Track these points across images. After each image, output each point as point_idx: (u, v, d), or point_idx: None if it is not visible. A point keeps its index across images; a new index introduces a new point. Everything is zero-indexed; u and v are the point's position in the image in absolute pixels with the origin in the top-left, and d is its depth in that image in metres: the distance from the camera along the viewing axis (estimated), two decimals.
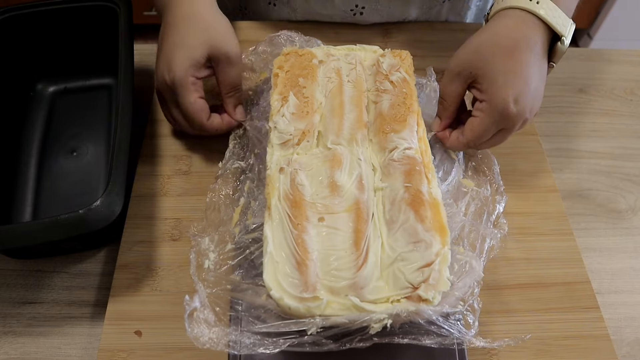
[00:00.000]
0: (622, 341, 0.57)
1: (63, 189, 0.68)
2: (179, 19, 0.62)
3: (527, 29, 0.56)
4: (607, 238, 0.65)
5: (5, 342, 0.55)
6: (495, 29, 0.58)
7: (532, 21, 0.56)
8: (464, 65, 0.58)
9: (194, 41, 0.60)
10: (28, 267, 0.60)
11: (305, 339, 0.45)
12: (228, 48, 0.61)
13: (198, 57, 0.60)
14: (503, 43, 0.56)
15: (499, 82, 0.55)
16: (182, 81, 0.60)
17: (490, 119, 0.57)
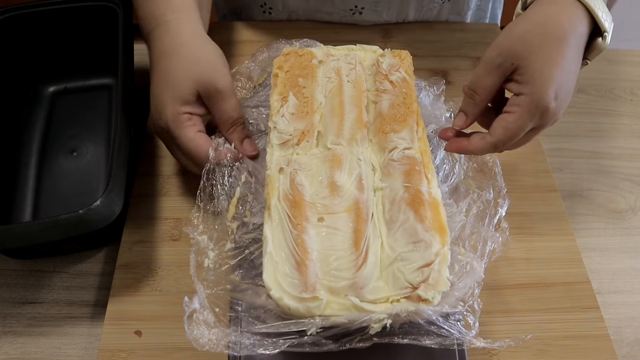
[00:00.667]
0: (622, 341, 0.57)
1: (63, 189, 0.68)
2: (163, 54, 0.58)
3: (576, 19, 0.51)
4: (607, 238, 0.65)
5: (5, 342, 0.55)
6: (542, 15, 0.52)
7: (580, 11, 0.51)
8: (507, 55, 0.52)
9: (179, 78, 0.56)
10: (28, 267, 0.60)
11: (305, 339, 0.45)
12: (217, 81, 0.56)
13: (186, 95, 0.56)
14: (552, 32, 0.51)
15: (544, 75, 0.50)
16: (176, 120, 0.56)
17: (528, 115, 0.51)
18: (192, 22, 0.60)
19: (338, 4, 0.79)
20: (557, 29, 0.51)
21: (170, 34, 0.58)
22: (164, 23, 0.59)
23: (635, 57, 0.84)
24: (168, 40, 0.58)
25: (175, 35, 0.58)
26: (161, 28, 0.59)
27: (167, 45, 0.58)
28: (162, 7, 0.60)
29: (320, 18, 0.82)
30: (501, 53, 0.52)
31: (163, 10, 0.60)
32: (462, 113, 0.56)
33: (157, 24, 0.59)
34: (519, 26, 0.52)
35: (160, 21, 0.59)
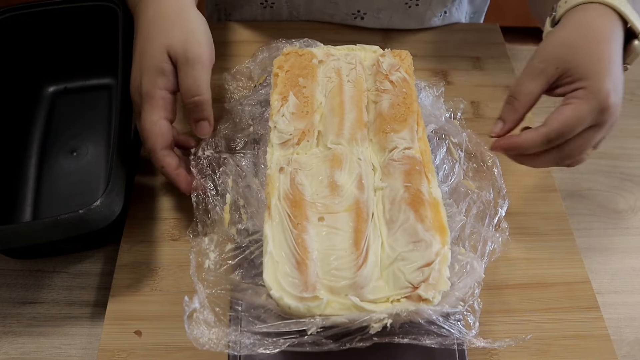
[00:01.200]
0: (622, 341, 0.57)
1: (63, 189, 0.68)
2: (145, 23, 0.57)
3: (611, 23, 0.51)
4: (607, 238, 0.65)
5: (5, 342, 0.55)
6: (579, 21, 0.52)
7: (613, 16, 0.52)
8: (551, 60, 0.51)
9: (154, 46, 0.55)
10: (28, 267, 0.60)
11: (305, 339, 0.45)
12: (188, 48, 0.54)
13: (159, 62, 0.54)
14: (592, 34, 0.51)
15: (597, 68, 0.49)
16: (149, 94, 0.54)
17: (588, 107, 0.48)
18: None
19: (341, 6, 0.79)
20: (596, 32, 0.51)
21: (155, 3, 0.57)
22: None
23: None
24: (152, 11, 0.57)
25: (159, 5, 0.57)
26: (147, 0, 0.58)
27: (151, 11, 0.57)
28: None
29: (321, 18, 0.82)
30: (544, 59, 0.51)
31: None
32: (500, 120, 0.54)
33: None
34: (557, 33, 0.52)
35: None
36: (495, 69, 0.79)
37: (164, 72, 0.54)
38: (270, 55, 0.68)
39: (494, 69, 0.79)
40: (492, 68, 0.79)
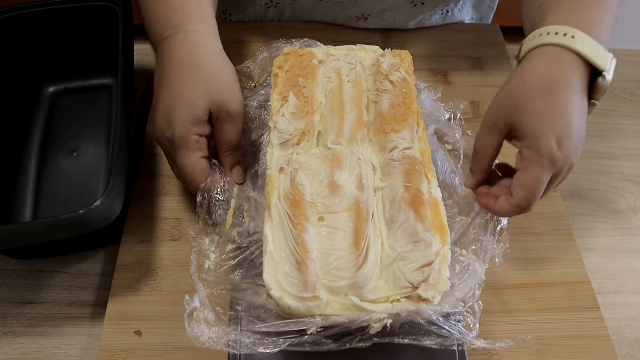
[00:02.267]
0: (622, 341, 0.57)
1: (63, 189, 0.68)
2: (179, 66, 0.56)
3: (564, 66, 0.51)
4: (607, 238, 0.65)
5: (5, 342, 0.55)
6: (527, 70, 0.52)
7: (569, 57, 0.51)
8: (498, 115, 0.52)
9: (195, 95, 0.54)
10: (28, 267, 0.60)
11: (305, 339, 0.45)
12: (231, 104, 0.55)
13: (200, 114, 0.54)
14: (537, 84, 0.51)
15: (537, 126, 0.50)
16: (184, 140, 0.54)
17: (538, 167, 0.50)
18: (213, 37, 0.59)
19: (347, 9, 0.79)
20: (542, 81, 0.51)
21: (191, 46, 0.56)
22: (184, 33, 0.57)
23: (635, 57, 0.84)
24: (187, 52, 0.56)
25: (196, 49, 0.56)
26: (179, 37, 0.57)
27: (185, 57, 0.56)
28: (182, 15, 0.58)
29: (324, 19, 0.82)
30: (492, 114, 0.53)
31: (184, 19, 0.58)
32: (469, 172, 0.56)
33: (175, 32, 0.57)
34: (507, 85, 0.53)
35: (179, 30, 0.57)
36: (495, 69, 0.79)
37: (201, 122, 0.55)
38: (270, 55, 0.68)
39: (494, 69, 0.79)
40: (492, 68, 0.79)
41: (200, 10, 0.59)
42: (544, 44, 0.52)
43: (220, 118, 0.56)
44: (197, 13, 0.59)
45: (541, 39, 0.52)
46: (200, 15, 0.59)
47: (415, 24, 0.83)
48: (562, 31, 0.51)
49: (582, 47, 0.50)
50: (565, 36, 0.51)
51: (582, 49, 0.50)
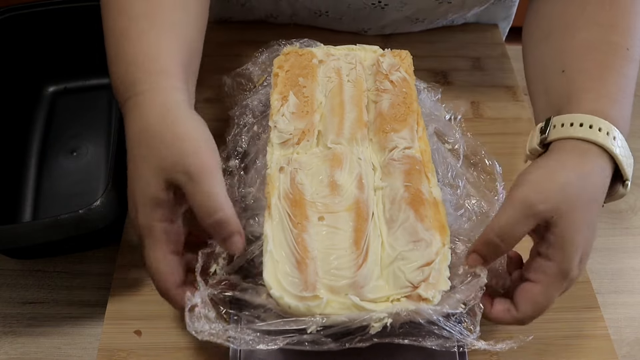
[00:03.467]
0: (622, 341, 0.57)
1: (63, 189, 0.68)
2: (132, 139, 0.48)
3: (604, 174, 0.47)
4: (607, 238, 0.65)
5: (5, 342, 0.55)
6: (580, 168, 0.47)
7: (606, 162, 0.47)
8: (547, 205, 0.45)
9: (147, 171, 0.45)
10: (28, 267, 0.60)
11: (305, 337, 0.45)
12: (183, 161, 0.44)
13: (155, 193, 0.44)
14: (590, 190, 0.46)
15: (577, 240, 0.45)
16: (146, 229, 0.45)
17: (556, 286, 0.45)
18: (166, 92, 0.48)
19: (346, 24, 0.80)
20: (594, 187, 0.46)
21: (139, 111, 0.47)
22: (135, 96, 0.48)
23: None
24: (137, 121, 0.47)
25: (143, 114, 0.47)
26: (132, 102, 0.48)
27: (136, 126, 0.47)
28: (133, 72, 0.49)
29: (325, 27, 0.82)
30: (542, 199, 0.45)
31: (135, 77, 0.49)
32: (478, 256, 0.47)
33: (129, 96, 0.49)
34: (558, 175, 0.46)
35: (131, 93, 0.49)
36: (495, 69, 0.79)
37: (160, 203, 0.45)
38: (270, 55, 0.68)
39: (494, 69, 0.79)
40: (492, 68, 0.79)
41: (154, 63, 0.50)
42: (584, 139, 0.47)
43: (183, 183, 0.44)
44: (149, 66, 0.49)
45: (582, 131, 0.47)
46: (153, 69, 0.49)
47: (420, 29, 0.83)
48: (604, 128, 0.47)
49: (620, 152, 0.47)
50: (608, 135, 0.47)
51: (619, 154, 0.47)
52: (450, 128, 0.65)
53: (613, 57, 0.52)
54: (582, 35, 0.54)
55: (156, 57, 0.50)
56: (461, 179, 0.60)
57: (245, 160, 0.59)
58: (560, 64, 0.54)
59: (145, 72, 0.49)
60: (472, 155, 0.64)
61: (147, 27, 0.51)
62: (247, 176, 0.57)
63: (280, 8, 0.79)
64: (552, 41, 0.57)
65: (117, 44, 0.52)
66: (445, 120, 0.66)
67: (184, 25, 0.54)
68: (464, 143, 0.64)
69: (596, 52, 0.53)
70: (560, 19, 0.58)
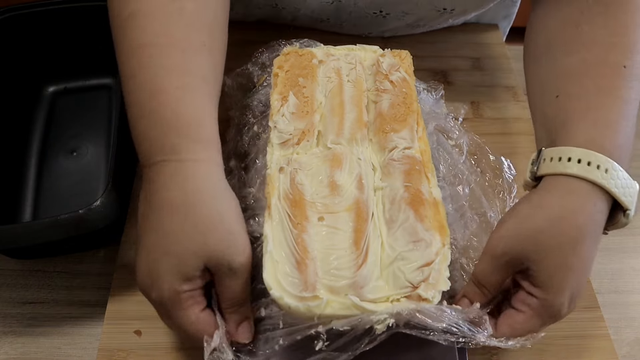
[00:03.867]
0: (622, 341, 0.57)
1: (63, 189, 0.68)
2: (167, 208, 0.45)
3: (594, 210, 0.45)
4: (607, 238, 0.64)
5: (5, 342, 0.55)
6: (558, 210, 0.45)
7: (599, 196, 0.45)
8: (516, 255, 0.45)
9: (184, 249, 0.44)
10: (28, 267, 0.60)
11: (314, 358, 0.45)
12: (233, 258, 0.45)
13: (190, 272, 0.44)
14: (568, 232, 0.44)
15: (557, 281, 0.44)
16: (173, 299, 0.44)
17: (539, 319, 0.46)
18: (212, 168, 0.47)
19: (347, 29, 0.80)
20: (573, 229, 0.44)
21: (182, 182, 0.45)
22: (176, 162, 0.45)
23: None
24: (177, 191, 0.45)
25: (189, 186, 0.45)
26: (169, 168, 0.45)
27: (175, 197, 0.44)
28: (174, 136, 0.46)
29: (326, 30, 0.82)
30: (509, 251, 0.46)
31: (177, 142, 0.46)
32: (467, 301, 0.49)
33: (164, 160, 0.45)
34: (530, 222, 0.46)
35: (170, 157, 0.45)
36: (495, 69, 0.79)
37: (192, 279, 0.44)
38: (270, 56, 0.68)
39: (494, 69, 0.79)
40: (492, 68, 0.79)
41: (198, 130, 0.47)
42: (574, 176, 0.45)
43: (220, 273, 0.45)
44: (194, 134, 0.46)
45: (571, 167, 0.45)
46: (199, 138, 0.47)
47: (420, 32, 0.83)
48: (596, 162, 0.45)
49: (615, 184, 0.45)
50: (599, 169, 0.44)
51: (614, 188, 0.45)
52: (452, 125, 0.65)
53: (610, 78, 0.49)
54: (578, 57, 0.51)
55: (200, 122, 0.47)
56: (464, 174, 0.60)
57: (245, 160, 0.60)
58: (554, 88, 0.52)
59: (188, 140, 0.46)
60: (476, 151, 0.64)
61: (183, 84, 0.47)
62: (247, 176, 0.57)
63: (282, 15, 0.79)
64: (547, 61, 0.55)
65: (146, 99, 0.47)
66: (447, 117, 0.66)
67: (213, 78, 0.52)
68: (467, 139, 0.64)
69: (592, 75, 0.50)
70: (557, 37, 0.55)
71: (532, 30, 0.60)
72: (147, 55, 0.48)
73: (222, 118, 0.67)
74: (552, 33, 0.56)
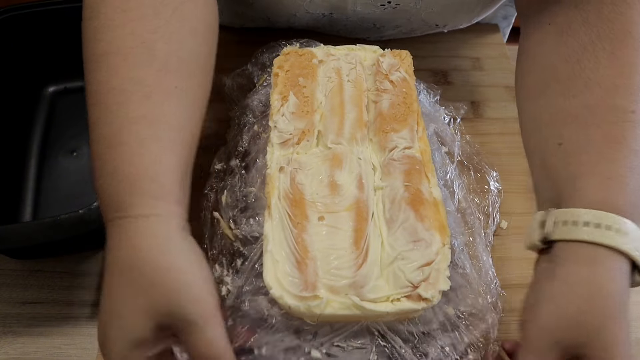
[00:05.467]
0: None
1: (63, 189, 0.68)
2: (115, 267, 0.42)
3: (622, 277, 0.43)
4: None
5: (5, 342, 0.55)
6: (589, 287, 0.43)
7: (622, 261, 0.43)
8: (568, 345, 0.42)
9: (129, 311, 0.40)
10: (28, 267, 0.60)
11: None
12: (184, 308, 0.40)
13: (139, 334, 0.40)
14: (608, 308, 0.42)
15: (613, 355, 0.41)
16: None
17: None
18: (167, 222, 0.43)
19: (344, 35, 0.80)
20: (610, 301, 0.42)
21: (131, 238, 0.42)
22: (126, 218, 0.42)
23: None
24: (126, 248, 0.42)
25: (136, 244, 0.42)
26: (122, 225, 0.42)
27: (122, 255, 0.42)
28: (128, 191, 0.43)
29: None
30: (559, 342, 0.42)
31: (130, 198, 0.43)
32: None
33: (118, 217, 0.43)
34: (569, 306, 0.43)
35: (121, 214, 0.43)
36: (495, 69, 0.79)
37: (143, 343, 0.41)
38: (270, 56, 0.68)
39: (494, 69, 0.79)
40: (492, 68, 0.79)
41: (152, 185, 0.43)
42: (594, 243, 0.43)
43: (180, 329, 0.41)
44: (147, 189, 0.43)
45: (590, 233, 0.43)
46: (153, 193, 0.43)
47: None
48: (614, 225, 0.43)
49: (633, 247, 0.42)
50: (618, 233, 0.42)
51: (635, 252, 0.42)
52: (447, 131, 0.65)
53: (617, 126, 0.46)
54: (581, 99, 0.48)
55: (154, 176, 0.44)
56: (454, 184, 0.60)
57: (246, 159, 0.60)
58: (556, 134, 0.49)
59: (141, 195, 0.43)
60: (466, 160, 0.64)
61: (146, 135, 0.44)
62: (248, 175, 0.57)
63: (277, 24, 0.78)
64: (546, 102, 0.51)
65: (107, 152, 0.44)
66: (443, 123, 0.66)
67: (186, 123, 0.48)
68: (460, 147, 0.64)
69: (598, 122, 0.47)
70: (556, 74, 0.51)
71: (526, 60, 0.56)
72: (113, 103, 0.45)
73: (222, 118, 0.67)
74: (550, 69, 0.51)
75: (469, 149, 0.65)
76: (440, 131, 0.65)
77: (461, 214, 0.59)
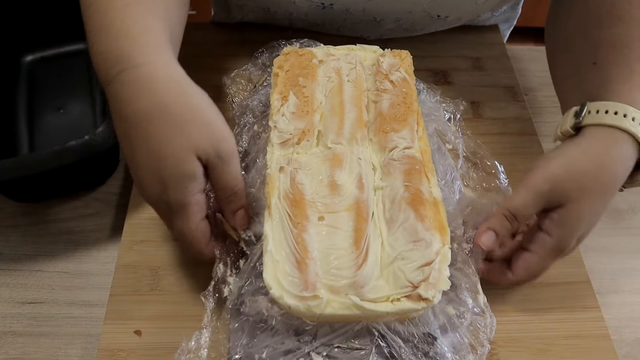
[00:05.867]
0: (622, 341, 0.57)
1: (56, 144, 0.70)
2: (142, 118, 0.46)
3: (628, 163, 0.50)
4: (607, 238, 0.65)
5: (5, 342, 0.55)
6: (601, 157, 0.49)
7: (634, 150, 0.49)
8: (560, 192, 0.49)
9: (174, 148, 0.45)
10: (28, 267, 0.60)
11: None
12: (216, 144, 0.47)
13: (192, 169, 0.46)
14: (606, 179, 0.49)
15: (579, 222, 0.49)
16: (182, 204, 0.47)
17: (551, 258, 0.50)
18: (172, 68, 0.48)
19: (343, 33, 0.80)
20: (612, 177, 0.49)
21: (146, 87, 0.46)
22: (134, 68, 0.46)
23: None
24: (145, 97, 0.46)
25: (153, 91, 0.46)
26: (129, 75, 0.46)
27: (144, 105, 0.46)
28: (127, 45, 0.47)
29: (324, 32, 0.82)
30: (555, 188, 0.49)
31: (130, 50, 0.47)
32: (492, 233, 0.51)
33: (123, 69, 0.46)
34: (578, 164, 0.49)
35: (124, 66, 0.46)
36: (495, 69, 0.79)
37: (196, 177, 0.46)
38: (270, 56, 0.69)
39: (494, 69, 0.79)
40: (492, 68, 0.79)
41: (148, 37, 0.48)
42: (619, 128, 0.49)
43: (212, 164, 0.47)
44: (144, 40, 0.48)
45: (616, 119, 0.49)
46: (151, 43, 0.48)
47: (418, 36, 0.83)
48: (638, 118, 0.49)
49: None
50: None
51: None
52: (450, 128, 0.65)
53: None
54: (616, 30, 0.54)
55: (148, 30, 0.48)
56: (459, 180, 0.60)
57: (246, 159, 0.60)
58: (590, 57, 0.55)
59: (140, 45, 0.47)
60: (471, 156, 0.64)
61: (129, 2, 0.49)
62: (248, 176, 0.57)
63: (276, 17, 0.78)
64: (581, 32, 0.57)
65: (100, 16, 0.49)
66: (445, 121, 0.66)
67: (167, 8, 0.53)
68: (464, 143, 0.64)
69: (632, 46, 0.52)
70: (591, 15, 0.57)
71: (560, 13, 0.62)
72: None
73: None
74: (585, 14, 0.57)
75: (472, 144, 0.65)
76: (441, 129, 0.65)
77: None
